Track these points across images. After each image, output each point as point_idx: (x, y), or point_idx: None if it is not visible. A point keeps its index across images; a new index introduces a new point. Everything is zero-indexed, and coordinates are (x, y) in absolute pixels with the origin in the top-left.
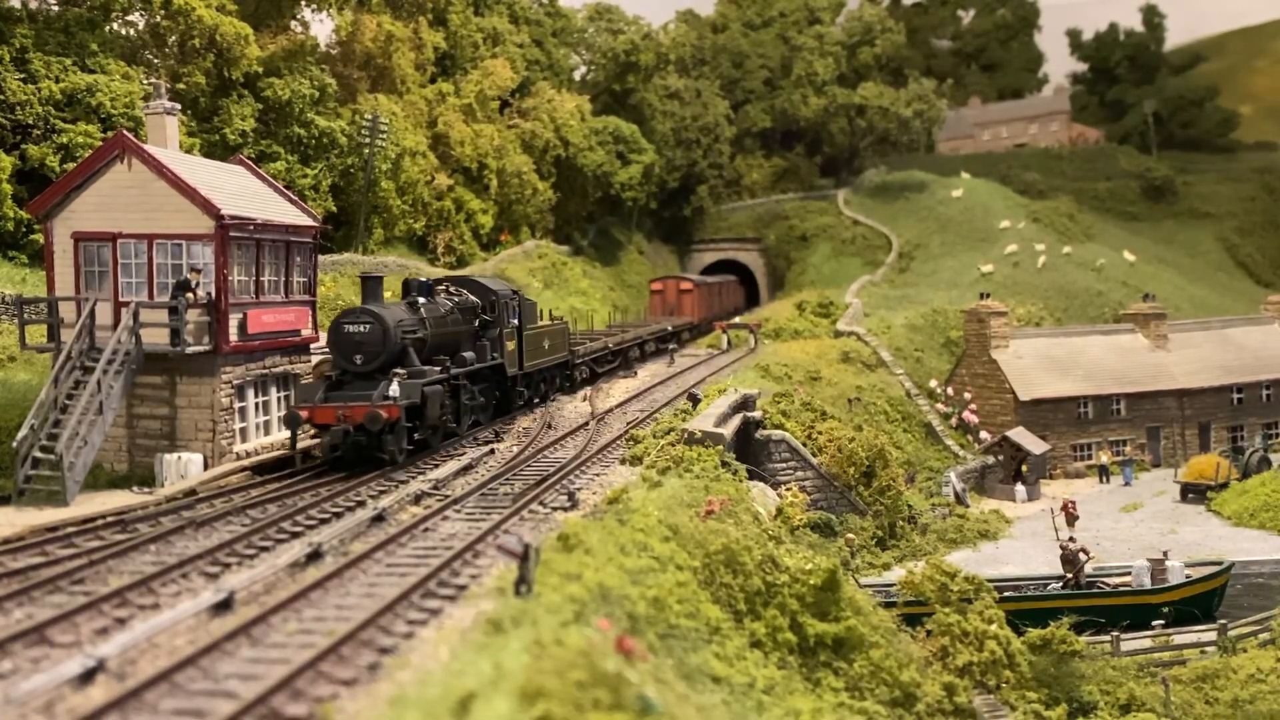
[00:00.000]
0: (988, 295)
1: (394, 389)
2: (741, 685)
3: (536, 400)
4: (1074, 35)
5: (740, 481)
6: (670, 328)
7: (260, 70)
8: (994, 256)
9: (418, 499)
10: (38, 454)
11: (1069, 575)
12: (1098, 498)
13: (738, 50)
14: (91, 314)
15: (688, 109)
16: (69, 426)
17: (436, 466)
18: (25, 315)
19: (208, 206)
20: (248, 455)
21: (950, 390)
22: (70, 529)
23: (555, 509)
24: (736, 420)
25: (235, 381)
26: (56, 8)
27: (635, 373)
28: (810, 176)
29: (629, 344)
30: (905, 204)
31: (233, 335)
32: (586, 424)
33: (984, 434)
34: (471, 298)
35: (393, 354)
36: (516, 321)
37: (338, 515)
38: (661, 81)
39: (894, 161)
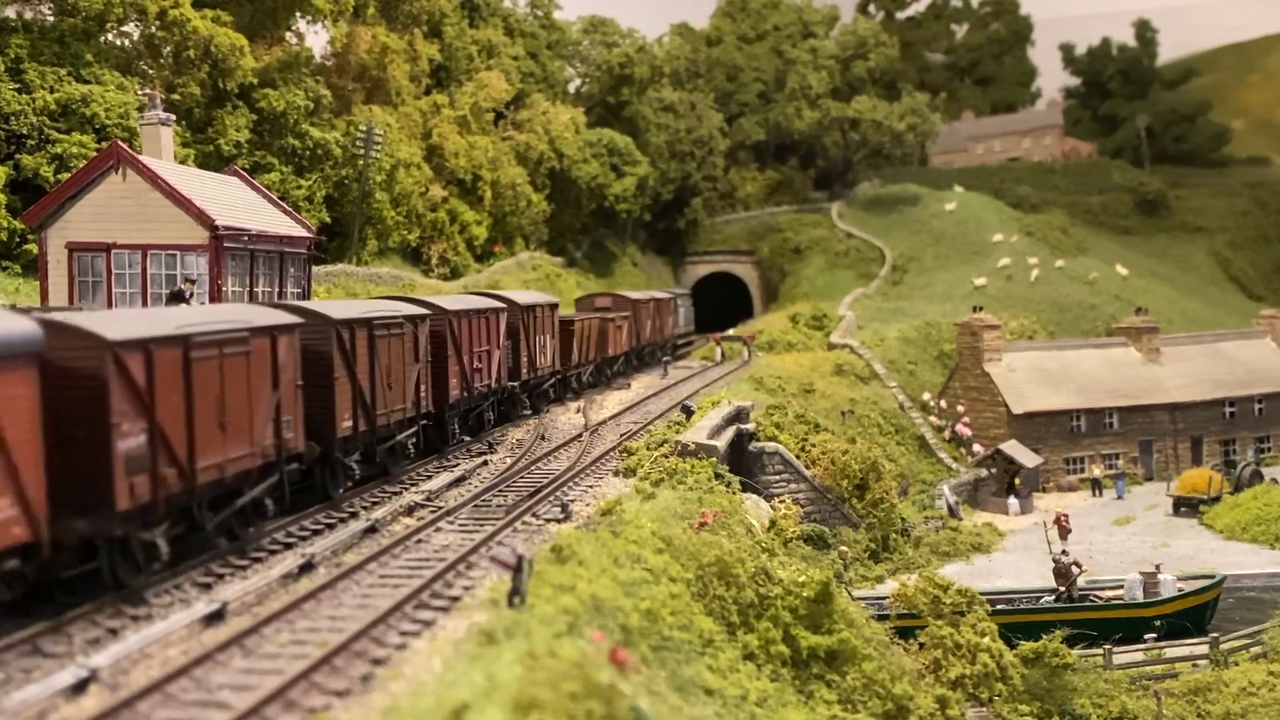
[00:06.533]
0: (981, 308)
1: None
2: (734, 697)
3: None
4: (1067, 49)
5: (734, 494)
6: None
7: (255, 81)
8: (987, 270)
9: (411, 510)
10: None
11: (1061, 588)
12: (1090, 511)
13: (732, 63)
14: None
15: (682, 121)
16: None
17: (430, 478)
18: None
19: (202, 217)
20: None
21: (943, 403)
22: None
23: (548, 520)
24: (730, 432)
25: None
26: (52, 18)
27: (629, 384)
28: (804, 189)
29: None
30: (899, 217)
31: None
32: (580, 435)
33: (977, 447)
34: None
35: None
36: None
37: (330, 527)
38: (656, 94)
39: (887, 175)
